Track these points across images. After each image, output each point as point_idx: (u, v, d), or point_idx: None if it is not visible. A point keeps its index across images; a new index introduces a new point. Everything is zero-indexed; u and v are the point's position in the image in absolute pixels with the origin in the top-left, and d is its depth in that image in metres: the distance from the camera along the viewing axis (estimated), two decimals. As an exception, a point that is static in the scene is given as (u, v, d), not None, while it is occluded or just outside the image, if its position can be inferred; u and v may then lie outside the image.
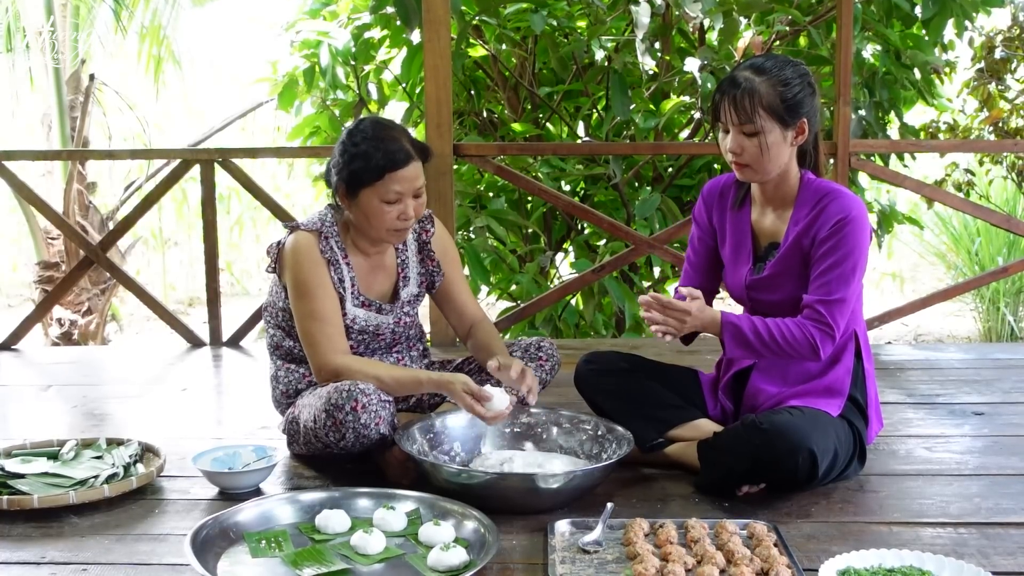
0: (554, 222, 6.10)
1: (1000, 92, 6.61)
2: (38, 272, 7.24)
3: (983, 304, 7.85)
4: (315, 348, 2.96)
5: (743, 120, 2.76)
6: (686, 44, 5.94)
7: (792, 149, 2.84)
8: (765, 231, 2.96)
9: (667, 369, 3.16)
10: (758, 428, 2.67)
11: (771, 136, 2.77)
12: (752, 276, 2.94)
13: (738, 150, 2.80)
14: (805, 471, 2.66)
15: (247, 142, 10.47)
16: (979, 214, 5.26)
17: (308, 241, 3.00)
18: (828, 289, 2.76)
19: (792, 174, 2.88)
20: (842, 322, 2.78)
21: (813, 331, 2.75)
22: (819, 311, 2.76)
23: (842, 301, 2.76)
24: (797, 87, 2.77)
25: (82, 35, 7.28)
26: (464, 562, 2.30)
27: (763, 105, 2.74)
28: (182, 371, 4.62)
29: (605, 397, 3.08)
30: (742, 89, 2.75)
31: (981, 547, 2.45)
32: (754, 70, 2.78)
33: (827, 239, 2.78)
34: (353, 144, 2.94)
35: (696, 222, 3.13)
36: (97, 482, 2.81)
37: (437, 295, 3.28)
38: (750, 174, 2.85)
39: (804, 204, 2.86)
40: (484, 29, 5.80)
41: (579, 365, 3.17)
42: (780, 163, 2.82)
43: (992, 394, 3.90)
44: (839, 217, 2.78)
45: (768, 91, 2.75)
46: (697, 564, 2.30)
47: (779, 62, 2.82)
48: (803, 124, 2.81)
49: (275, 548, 2.41)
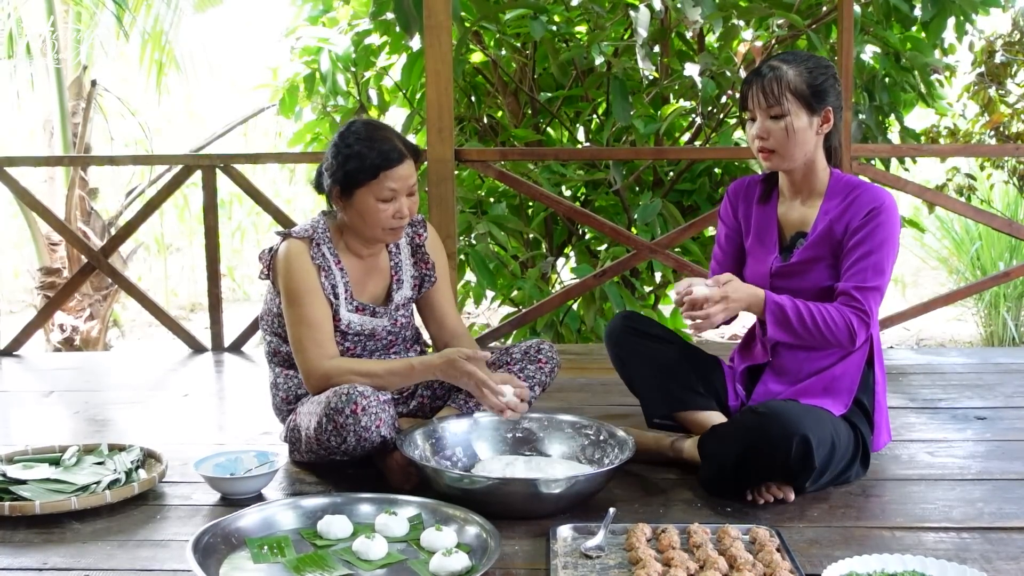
0: (555, 227, 6.11)
1: (1001, 96, 6.61)
2: (40, 278, 7.24)
3: (985, 308, 7.85)
4: (304, 354, 2.96)
5: (771, 103, 2.83)
6: (685, 48, 5.95)
7: (818, 139, 2.89)
8: (792, 222, 3.00)
9: (695, 350, 3.19)
10: (754, 412, 2.72)
11: (797, 120, 2.83)
12: (779, 264, 2.96)
13: (765, 134, 2.86)
14: (799, 458, 2.64)
15: (248, 148, 10.49)
16: (980, 218, 5.26)
17: (299, 248, 3.01)
18: (864, 276, 2.81)
19: (820, 166, 2.94)
20: (876, 311, 2.84)
21: (851, 316, 2.79)
22: (855, 296, 2.80)
23: (877, 289, 2.82)
24: (822, 75, 2.86)
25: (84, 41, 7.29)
26: (466, 567, 2.30)
27: (790, 88, 2.82)
28: (184, 376, 4.62)
29: (633, 358, 3.10)
30: (769, 76, 2.84)
31: (984, 552, 2.44)
32: (780, 60, 2.89)
33: (860, 228, 2.83)
34: (346, 145, 2.96)
35: (722, 220, 3.18)
36: (99, 488, 2.81)
37: (421, 301, 3.28)
38: (777, 160, 2.89)
39: (835, 195, 2.92)
40: (484, 35, 5.80)
41: (614, 321, 3.18)
42: (806, 150, 2.87)
43: (994, 398, 3.90)
44: (873, 206, 2.84)
45: (795, 76, 2.83)
46: (699, 569, 2.29)
47: (806, 55, 2.93)
48: (828, 112, 2.87)
49: (277, 554, 2.41)
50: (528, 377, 3.14)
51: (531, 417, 3.09)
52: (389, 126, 3.10)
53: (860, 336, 2.80)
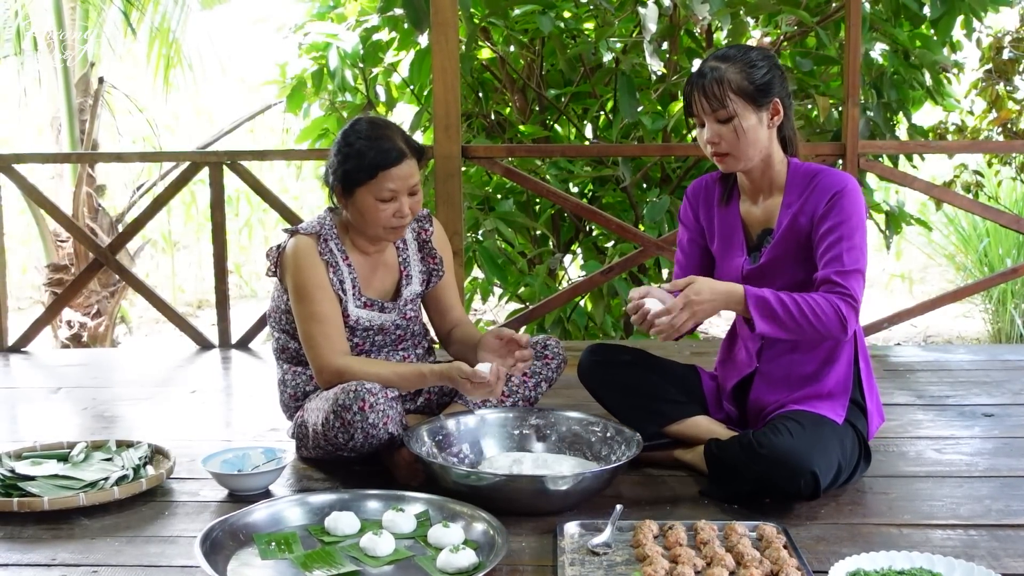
0: (562, 224, 6.11)
1: (1008, 93, 6.59)
2: (48, 275, 7.26)
3: (992, 305, 7.84)
4: (316, 350, 2.97)
5: (715, 106, 2.75)
6: (694, 45, 5.94)
7: (771, 132, 2.81)
8: (756, 220, 2.93)
9: (669, 365, 3.13)
10: (757, 453, 2.62)
11: (746, 120, 2.75)
12: (749, 266, 2.90)
13: (715, 139, 2.79)
14: (808, 491, 2.61)
15: (256, 144, 10.50)
16: (988, 215, 5.25)
17: (307, 244, 3.02)
18: (841, 261, 2.70)
19: (777, 159, 2.86)
20: (860, 294, 2.71)
21: (838, 302, 2.65)
22: (838, 282, 2.68)
23: (858, 272, 2.70)
24: (764, 68, 2.77)
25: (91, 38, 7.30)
26: (473, 564, 2.30)
27: (733, 89, 2.73)
28: (191, 373, 4.63)
29: (607, 389, 3.08)
30: (710, 77, 2.75)
31: (991, 549, 2.44)
32: (719, 59, 2.79)
33: (826, 214, 2.74)
34: (347, 144, 2.96)
35: (683, 223, 3.10)
36: (107, 484, 2.81)
37: (427, 294, 3.30)
38: (732, 163, 2.83)
39: (794, 186, 2.83)
40: (492, 31, 5.80)
41: (583, 357, 3.15)
42: (760, 147, 2.80)
43: (1002, 395, 3.89)
44: (834, 191, 2.74)
45: (736, 75, 2.74)
46: (706, 566, 2.29)
47: (742, 48, 2.82)
48: (776, 104, 2.79)
49: (285, 550, 2.42)
50: (535, 373, 3.15)
51: (538, 413, 3.09)
52: (394, 124, 3.09)
53: (851, 322, 2.67)
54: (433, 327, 3.37)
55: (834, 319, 2.66)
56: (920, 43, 5.81)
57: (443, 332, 3.33)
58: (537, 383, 3.18)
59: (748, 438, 2.69)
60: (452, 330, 3.29)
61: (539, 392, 3.21)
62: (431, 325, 3.38)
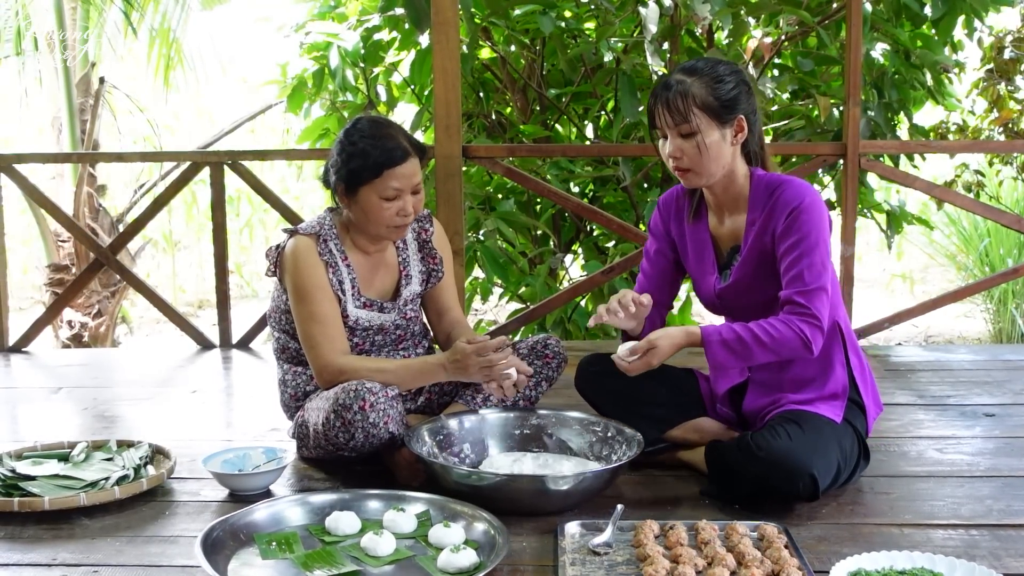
0: (563, 224, 6.10)
1: (1010, 93, 6.59)
2: (48, 275, 7.26)
3: (993, 305, 7.83)
4: (316, 350, 2.97)
5: (678, 121, 2.71)
6: (695, 45, 5.94)
7: (734, 149, 2.77)
8: (725, 236, 2.90)
9: (665, 369, 3.06)
10: (755, 456, 2.62)
11: (709, 136, 2.71)
12: (720, 284, 2.89)
13: (678, 154, 2.74)
14: (807, 494, 2.61)
15: (256, 144, 10.48)
16: (989, 215, 5.25)
17: (307, 245, 3.02)
18: (803, 280, 2.66)
19: (740, 174, 2.82)
20: (825, 312, 2.67)
21: (800, 325, 2.64)
22: (800, 303, 2.65)
23: (821, 290, 2.66)
24: (730, 83, 2.72)
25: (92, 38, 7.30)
26: (474, 564, 2.30)
27: (697, 104, 2.69)
28: (192, 373, 4.63)
29: (605, 398, 3.07)
30: (674, 91, 2.71)
31: (993, 549, 2.44)
32: (686, 71, 2.74)
33: (785, 232, 2.70)
34: (351, 143, 2.96)
35: (653, 234, 3.08)
36: (108, 484, 2.81)
37: (425, 294, 3.30)
38: (693, 179, 2.79)
39: (757, 202, 2.79)
40: (493, 31, 5.80)
41: (579, 367, 3.15)
42: (722, 164, 2.76)
43: (1003, 395, 3.89)
44: (792, 207, 2.70)
45: (701, 90, 2.70)
46: (707, 566, 2.29)
47: (710, 62, 2.77)
48: (741, 121, 2.75)
49: (285, 550, 2.42)
50: (535, 372, 3.15)
51: (539, 413, 3.09)
52: (395, 123, 3.10)
53: (815, 341, 2.65)
54: (430, 327, 3.37)
55: (796, 343, 2.65)
56: (921, 43, 5.80)
57: (441, 333, 3.32)
58: (538, 382, 3.18)
59: (746, 440, 2.68)
60: (450, 332, 3.29)
61: (540, 392, 3.21)
62: (429, 323, 3.38)
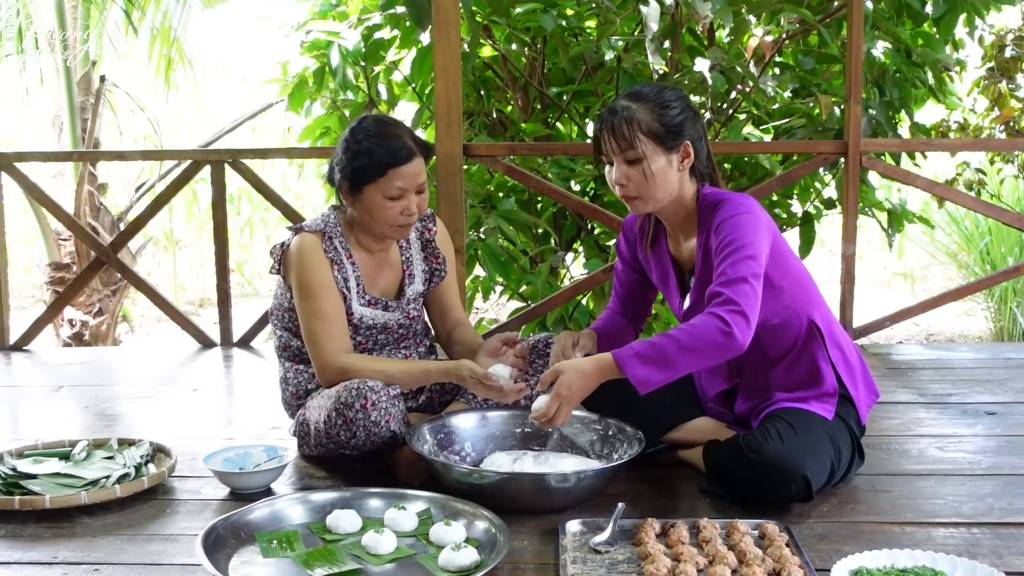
0: (564, 222, 6.10)
1: (1011, 91, 6.58)
2: (49, 273, 7.25)
3: (994, 303, 7.83)
4: (319, 347, 2.97)
5: (624, 147, 2.69)
6: (696, 43, 5.93)
7: (681, 175, 2.76)
8: (684, 259, 2.91)
9: None
10: (748, 459, 2.61)
11: (655, 162, 2.70)
12: (682, 307, 2.90)
13: (624, 180, 2.73)
14: (800, 495, 2.62)
15: (257, 143, 10.50)
16: (990, 213, 5.25)
17: (312, 242, 3.02)
18: (725, 273, 2.61)
19: (688, 197, 2.81)
20: (753, 300, 2.59)
21: (719, 312, 2.56)
22: (720, 291, 2.59)
23: (741, 279, 2.59)
24: (676, 110, 2.72)
25: (92, 36, 7.29)
26: (475, 562, 2.30)
27: (643, 130, 2.68)
28: (193, 372, 4.63)
29: (602, 404, 3.04)
30: (620, 116, 2.70)
31: (994, 547, 2.44)
32: (631, 97, 2.73)
33: (718, 245, 2.68)
34: (356, 141, 2.96)
35: (619, 255, 3.09)
36: (109, 482, 2.81)
37: (428, 293, 3.30)
38: (640, 205, 2.77)
39: (704, 224, 2.78)
40: (494, 29, 5.80)
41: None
42: (669, 190, 2.75)
43: (1004, 393, 3.89)
44: (719, 222, 2.69)
45: (647, 116, 2.69)
46: (709, 564, 2.29)
47: (656, 88, 2.76)
48: (687, 147, 2.74)
49: (286, 548, 2.42)
50: (536, 371, 3.14)
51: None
52: (400, 122, 3.09)
53: (739, 327, 2.54)
54: (433, 327, 3.37)
55: (715, 331, 2.56)
56: (922, 41, 5.80)
57: (443, 332, 3.33)
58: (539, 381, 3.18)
59: (738, 443, 2.68)
60: (452, 331, 3.29)
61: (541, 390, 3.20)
62: (431, 325, 3.38)
